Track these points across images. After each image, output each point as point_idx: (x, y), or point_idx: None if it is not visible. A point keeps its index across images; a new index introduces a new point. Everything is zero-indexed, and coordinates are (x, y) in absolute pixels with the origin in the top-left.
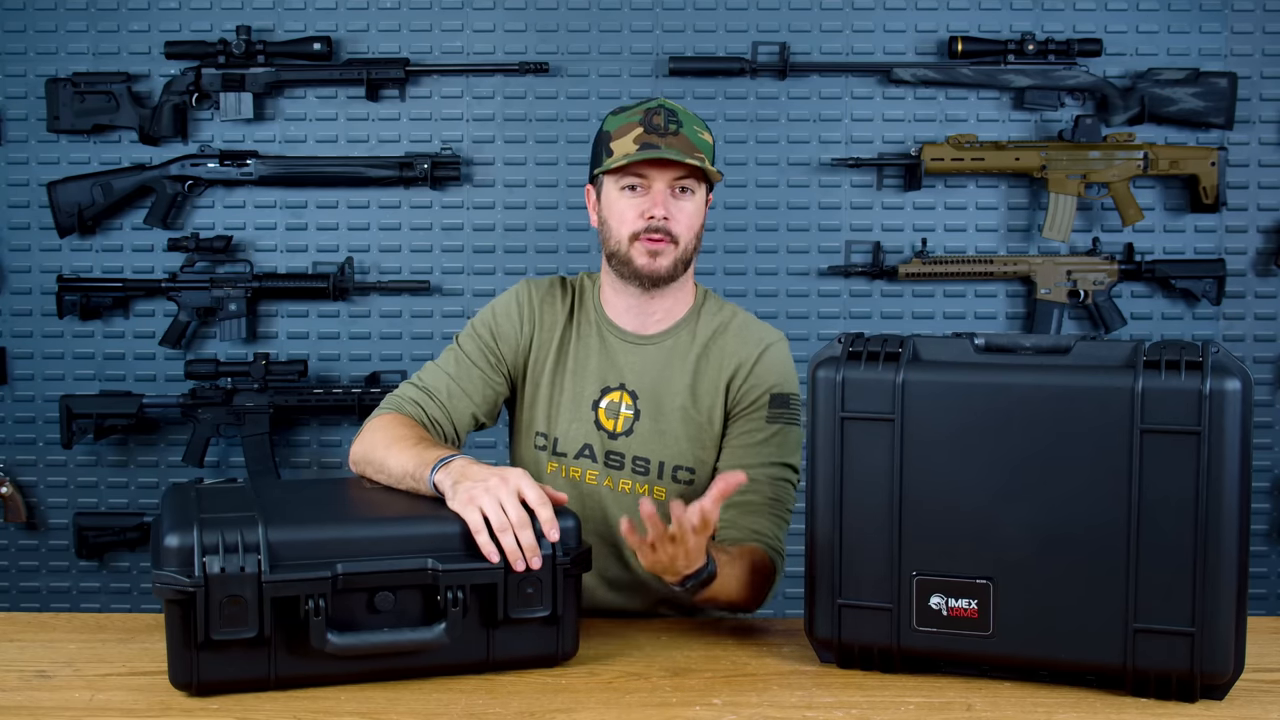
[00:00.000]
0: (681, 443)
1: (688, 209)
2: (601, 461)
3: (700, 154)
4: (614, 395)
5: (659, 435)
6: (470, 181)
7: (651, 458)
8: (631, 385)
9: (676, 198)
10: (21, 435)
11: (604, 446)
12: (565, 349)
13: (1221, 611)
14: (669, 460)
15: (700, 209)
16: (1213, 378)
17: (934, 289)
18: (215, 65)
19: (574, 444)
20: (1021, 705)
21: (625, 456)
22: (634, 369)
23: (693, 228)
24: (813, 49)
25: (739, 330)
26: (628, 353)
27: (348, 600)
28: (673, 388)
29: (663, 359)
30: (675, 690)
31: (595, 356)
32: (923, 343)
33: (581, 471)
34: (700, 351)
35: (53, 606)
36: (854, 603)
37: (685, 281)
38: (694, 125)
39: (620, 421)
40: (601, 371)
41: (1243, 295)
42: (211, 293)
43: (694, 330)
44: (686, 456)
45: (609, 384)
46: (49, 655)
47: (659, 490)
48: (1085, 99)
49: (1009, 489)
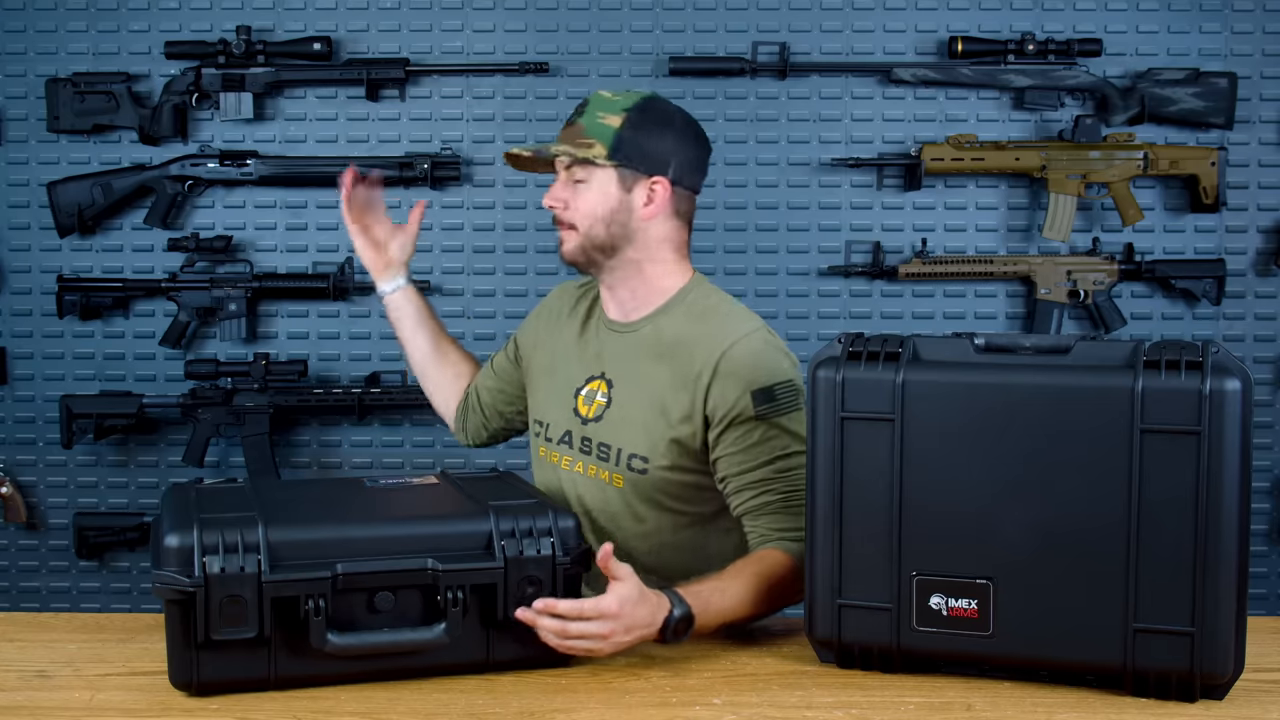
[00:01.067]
0: (637, 430)
1: (584, 195)
2: (577, 447)
3: (586, 140)
4: (595, 384)
5: (622, 422)
6: (470, 181)
7: (612, 444)
8: (610, 373)
9: (572, 185)
10: (21, 435)
11: (579, 432)
12: (570, 341)
13: (1221, 611)
14: (625, 447)
15: (601, 194)
16: (1213, 378)
17: (934, 289)
18: (215, 65)
19: (558, 430)
20: (1021, 705)
21: (593, 442)
22: (613, 356)
23: (591, 213)
24: (813, 49)
25: (707, 331)
26: (610, 340)
27: (348, 600)
28: (640, 375)
29: (635, 346)
30: (675, 690)
31: (589, 347)
32: (923, 343)
33: (559, 457)
34: (670, 344)
35: (53, 606)
36: (854, 603)
37: (636, 269)
38: (599, 110)
39: (594, 408)
40: (589, 361)
41: (1243, 295)
42: (211, 293)
43: (669, 319)
44: (640, 444)
45: (592, 372)
46: (49, 655)
47: (616, 478)
48: (1085, 99)
49: (1009, 489)
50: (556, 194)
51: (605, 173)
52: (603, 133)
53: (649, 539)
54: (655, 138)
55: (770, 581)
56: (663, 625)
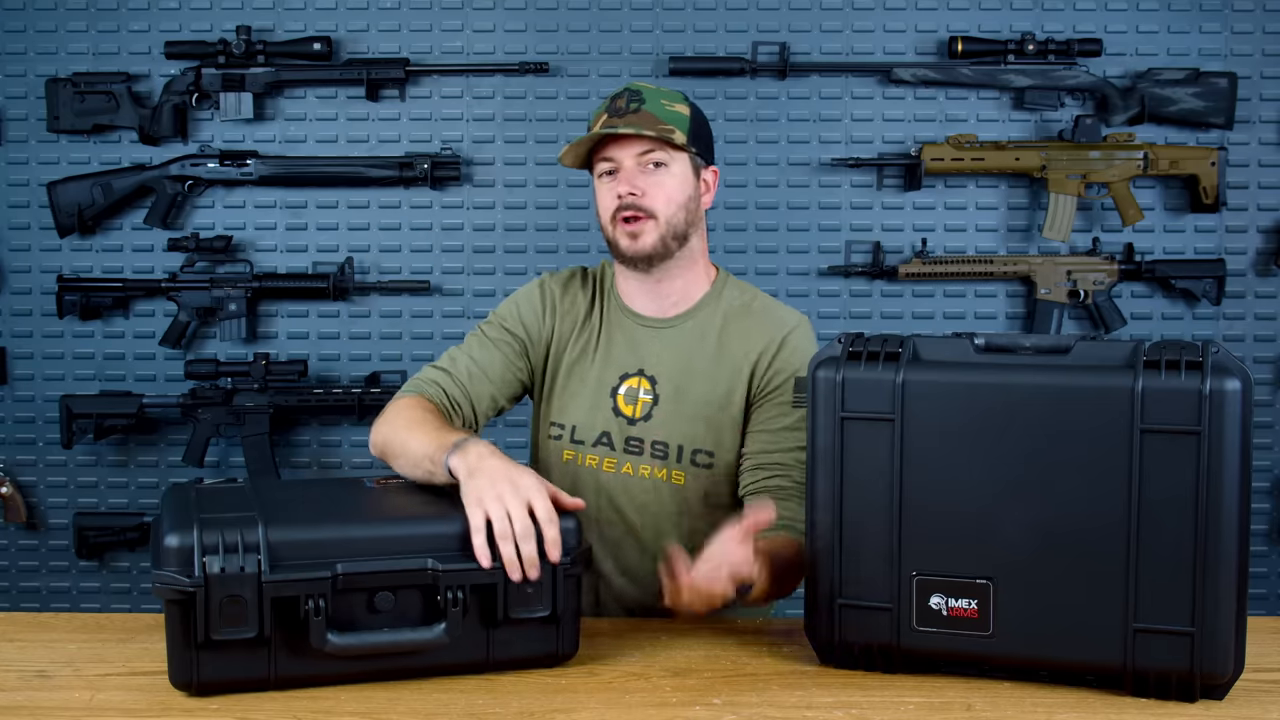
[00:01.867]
0: (699, 425)
1: (665, 182)
2: (620, 448)
3: (667, 126)
4: (632, 381)
5: (678, 418)
6: (470, 181)
7: (670, 441)
8: (651, 370)
9: (649, 172)
10: (21, 435)
11: (623, 433)
12: (586, 340)
13: (1221, 611)
14: (688, 444)
15: (681, 180)
16: (1213, 378)
17: (934, 289)
18: (215, 65)
19: (592, 432)
20: (1021, 705)
21: (645, 441)
22: (654, 353)
23: (673, 199)
24: (813, 49)
25: (761, 313)
26: (648, 337)
27: (348, 600)
28: (693, 370)
29: (683, 341)
30: (675, 690)
31: (616, 345)
32: (923, 343)
33: (599, 459)
34: (720, 334)
35: (53, 606)
36: (854, 603)
37: (693, 259)
38: (661, 99)
39: (639, 407)
40: (621, 359)
41: (1243, 295)
42: (211, 293)
43: (715, 312)
44: (706, 440)
45: (628, 370)
46: (49, 655)
47: (677, 475)
48: (1085, 99)
49: (1009, 489)
50: (635, 182)
51: (684, 158)
52: (679, 120)
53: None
54: (708, 128)
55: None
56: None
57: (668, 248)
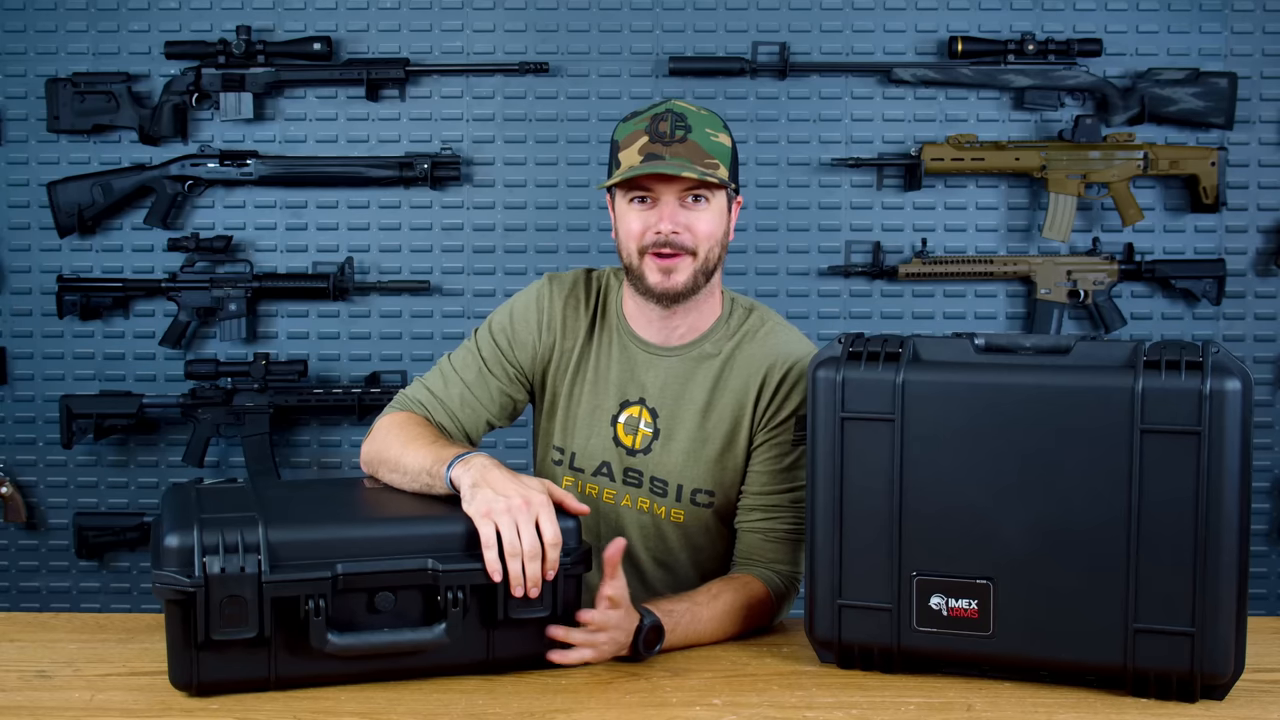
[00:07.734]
0: (700, 465)
1: (704, 217)
2: (620, 480)
3: (712, 159)
4: (633, 410)
5: (678, 455)
6: (470, 181)
7: (669, 480)
8: (652, 401)
9: (689, 207)
10: (21, 435)
11: (622, 463)
12: (585, 358)
13: (1221, 611)
14: (687, 483)
15: (719, 215)
16: (1213, 378)
17: (934, 289)
18: (215, 65)
19: (592, 460)
20: (1021, 705)
21: (643, 475)
22: (655, 383)
23: (712, 236)
24: (813, 49)
25: (764, 345)
26: (649, 365)
27: (348, 600)
28: (693, 406)
29: (684, 373)
30: (675, 690)
31: (615, 367)
32: (923, 343)
33: (599, 489)
34: (722, 368)
35: (53, 606)
36: (854, 603)
37: (711, 291)
38: (706, 128)
39: (639, 438)
40: (621, 384)
41: (1243, 295)
42: (211, 293)
43: (718, 344)
44: (706, 479)
45: (628, 398)
46: (49, 655)
47: (676, 513)
48: (1085, 99)
49: (1009, 489)
50: (676, 219)
51: (723, 193)
52: (722, 153)
53: (701, 566)
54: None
55: (746, 611)
56: (635, 632)
57: (698, 285)
